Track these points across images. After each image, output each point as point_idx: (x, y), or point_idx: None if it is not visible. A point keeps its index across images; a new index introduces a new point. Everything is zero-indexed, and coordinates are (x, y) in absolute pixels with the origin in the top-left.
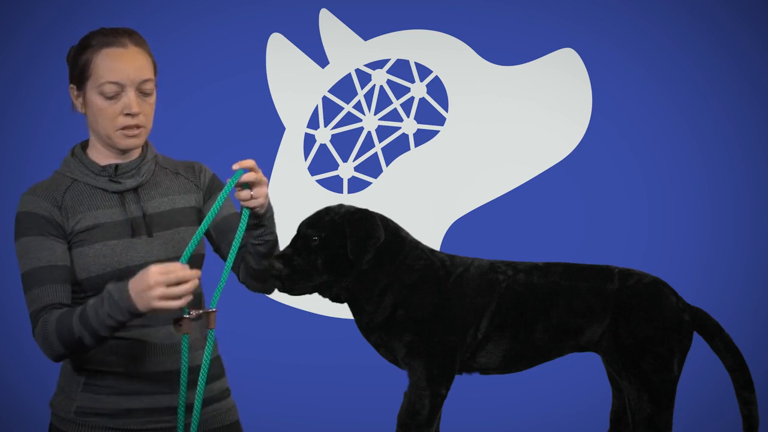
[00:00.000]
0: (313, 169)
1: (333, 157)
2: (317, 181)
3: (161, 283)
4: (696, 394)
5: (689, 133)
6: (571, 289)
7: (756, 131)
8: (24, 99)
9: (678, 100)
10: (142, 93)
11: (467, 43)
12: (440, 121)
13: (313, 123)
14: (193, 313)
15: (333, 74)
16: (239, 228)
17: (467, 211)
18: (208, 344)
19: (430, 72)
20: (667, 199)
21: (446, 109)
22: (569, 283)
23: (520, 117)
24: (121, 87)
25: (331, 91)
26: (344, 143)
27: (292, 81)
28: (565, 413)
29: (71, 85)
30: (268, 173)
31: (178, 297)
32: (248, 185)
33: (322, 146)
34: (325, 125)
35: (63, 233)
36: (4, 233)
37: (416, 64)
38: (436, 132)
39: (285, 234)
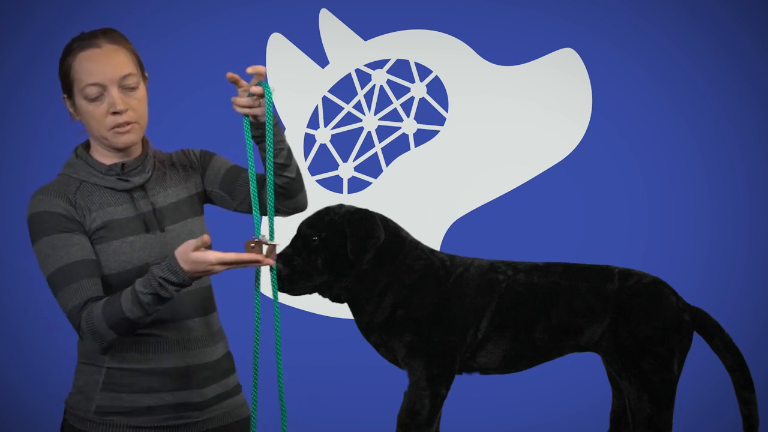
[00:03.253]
0: (313, 169)
1: (333, 157)
2: (317, 181)
3: (223, 267)
4: (696, 394)
5: (689, 133)
6: (571, 289)
7: (756, 131)
8: (24, 99)
9: (678, 100)
10: (126, 89)
11: (467, 43)
12: (440, 121)
13: (313, 123)
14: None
15: (333, 74)
16: (246, 139)
17: (467, 211)
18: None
19: (430, 72)
20: (667, 199)
21: (446, 109)
22: (569, 283)
23: (520, 117)
24: (103, 87)
25: (331, 91)
26: (344, 143)
27: (292, 81)
28: (565, 413)
29: (63, 95)
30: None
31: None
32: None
33: (322, 146)
34: (325, 125)
35: (83, 229)
36: (3, 234)
37: (416, 64)
38: (436, 132)
39: (285, 234)
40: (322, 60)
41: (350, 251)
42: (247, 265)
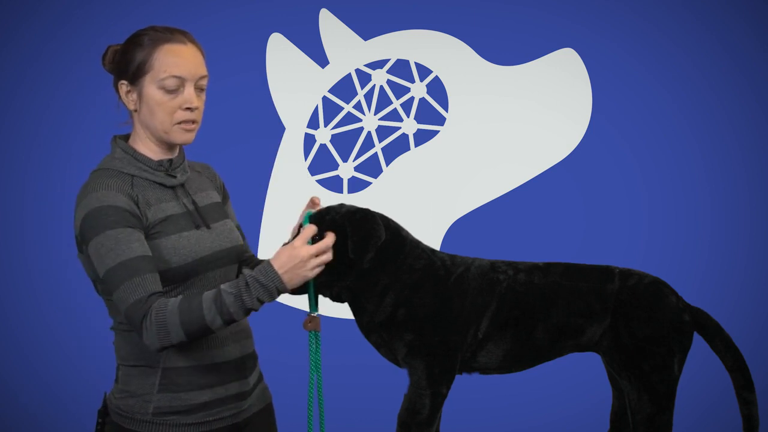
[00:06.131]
0: (313, 169)
1: (333, 157)
2: (317, 181)
3: (312, 254)
4: (696, 394)
5: (689, 133)
6: (572, 289)
7: (756, 131)
8: (24, 99)
9: (678, 100)
10: (198, 89)
11: (467, 43)
12: (440, 121)
13: (313, 123)
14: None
15: (333, 74)
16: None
17: (467, 211)
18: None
19: (430, 72)
20: (667, 199)
21: (446, 109)
22: (570, 283)
23: (520, 117)
24: (182, 81)
25: (331, 91)
26: (344, 143)
27: (292, 81)
28: (565, 413)
29: (122, 82)
30: (268, 173)
31: (323, 264)
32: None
33: (322, 146)
34: (325, 125)
35: (143, 226)
36: (4, 233)
37: (416, 64)
38: (436, 132)
39: (285, 234)
40: (322, 60)
41: (351, 251)
42: (319, 251)
